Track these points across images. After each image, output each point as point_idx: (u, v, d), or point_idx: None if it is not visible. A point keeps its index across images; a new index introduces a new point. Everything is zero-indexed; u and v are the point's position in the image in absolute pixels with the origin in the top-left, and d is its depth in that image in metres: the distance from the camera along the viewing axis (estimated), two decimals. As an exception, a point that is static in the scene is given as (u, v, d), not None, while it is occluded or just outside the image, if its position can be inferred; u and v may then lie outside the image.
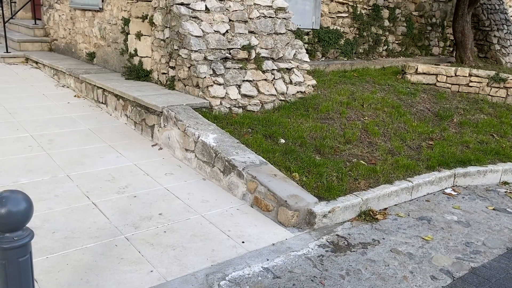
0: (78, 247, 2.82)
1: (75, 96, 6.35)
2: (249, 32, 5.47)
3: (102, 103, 5.83)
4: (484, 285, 2.72)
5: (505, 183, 4.46)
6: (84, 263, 2.66)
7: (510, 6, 13.14)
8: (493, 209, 3.86)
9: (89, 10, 7.17)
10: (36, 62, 7.92)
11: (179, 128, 4.35)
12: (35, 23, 9.38)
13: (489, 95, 6.79)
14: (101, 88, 5.77)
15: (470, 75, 6.92)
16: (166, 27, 5.34)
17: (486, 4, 10.90)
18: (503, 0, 11.54)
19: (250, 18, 5.54)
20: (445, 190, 4.15)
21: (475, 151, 4.71)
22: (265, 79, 5.34)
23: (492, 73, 6.84)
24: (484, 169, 4.38)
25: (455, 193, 4.11)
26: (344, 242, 3.12)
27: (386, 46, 9.44)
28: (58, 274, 2.55)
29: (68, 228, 3.02)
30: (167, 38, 5.35)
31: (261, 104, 5.16)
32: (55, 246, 2.81)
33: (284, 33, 5.81)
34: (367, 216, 3.50)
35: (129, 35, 6.15)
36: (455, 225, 3.50)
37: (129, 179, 3.86)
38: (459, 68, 7.10)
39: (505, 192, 4.26)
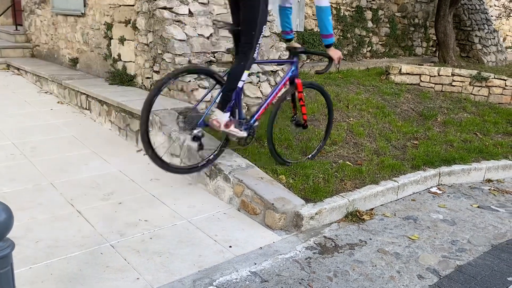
0: (62, 256, 2.77)
1: (58, 102, 6.26)
2: (233, 35, 5.46)
3: (86, 109, 5.77)
4: (470, 282, 2.74)
5: (489, 180, 4.52)
6: (69, 272, 2.62)
7: (490, 6, 13.37)
8: (478, 206, 3.91)
9: (71, 15, 7.10)
10: (18, 69, 7.80)
11: (164, 133, 4.32)
12: (16, 29, 9.26)
13: (471, 94, 6.89)
14: (84, 93, 5.70)
15: (453, 75, 7.02)
16: (150, 31, 5.30)
17: (467, 4, 11.07)
18: (484, 0, 11.74)
19: (234, 21, 5.53)
20: (431, 189, 4.19)
21: (459, 150, 4.76)
22: (250, 82, 5.34)
23: (474, 72, 6.95)
24: (468, 167, 4.43)
25: (440, 192, 4.16)
26: (331, 244, 3.12)
27: (370, 47, 9.53)
28: (42, 284, 2.50)
29: (52, 237, 2.97)
30: (150, 42, 5.32)
31: (246, 107, 5.15)
32: (38, 256, 2.75)
33: (268, 36, 5.81)
34: (354, 217, 3.51)
35: (112, 40, 6.10)
36: (441, 223, 3.54)
37: (114, 186, 3.82)
38: (442, 68, 7.19)
39: (489, 189, 4.31)
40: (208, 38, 5.26)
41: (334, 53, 3.63)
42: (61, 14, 7.47)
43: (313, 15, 8.47)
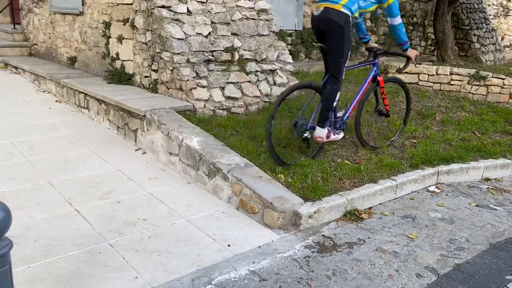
0: (60, 255, 2.77)
1: (56, 101, 6.25)
2: (232, 34, 5.46)
3: (84, 108, 5.76)
4: (468, 281, 2.75)
5: (487, 179, 4.53)
6: (67, 271, 2.61)
7: (488, 5, 13.38)
8: (476, 205, 3.91)
9: (69, 14, 7.08)
10: (16, 68, 7.78)
11: (162, 132, 4.31)
12: (14, 28, 9.22)
13: (470, 93, 6.90)
14: (82, 92, 5.70)
15: (451, 74, 7.03)
16: (148, 30, 5.29)
17: (465, 3, 11.08)
18: (482, -1, 11.75)
19: (233, 20, 5.53)
20: (429, 188, 4.19)
21: (457, 149, 4.77)
22: (249, 81, 5.34)
23: (473, 71, 6.95)
24: (467, 166, 4.44)
25: (439, 191, 4.16)
26: (330, 243, 3.13)
27: (369, 46, 9.52)
28: (40, 283, 2.50)
29: (50, 236, 2.97)
30: (149, 41, 5.31)
31: (245, 106, 5.15)
32: (37, 255, 2.75)
33: (267, 35, 5.81)
34: (352, 215, 3.51)
35: (110, 38, 6.09)
36: (439, 222, 3.54)
37: (112, 185, 3.81)
38: (441, 66, 7.20)
39: (487, 188, 4.32)
40: (206, 36, 5.25)
41: (411, 53, 4.20)
42: (59, 13, 7.45)
43: (312, 14, 8.47)
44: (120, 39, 5.85)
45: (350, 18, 3.77)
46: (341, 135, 4.15)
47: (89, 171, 4.06)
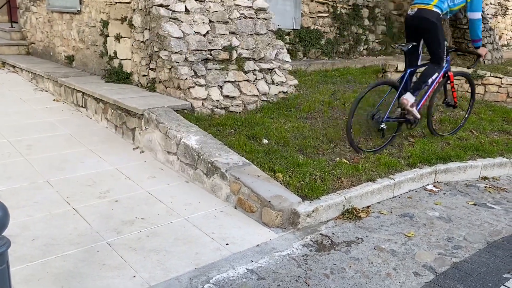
0: (58, 254, 2.76)
1: (54, 100, 6.24)
2: (230, 32, 5.46)
3: (82, 106, 5.75)
4: (465, 279, 2.76)
5: (485, 178, 4.54)
6: (65, 270, 2.61)
7: (486, 4, 13.40)
8: (474, 204, 3.92)
9: (67, 12, 7.07)
10: (13, 66, 7.76)
11: (160, 131, 4.31)
12: (12, 26, 9.20)
13: (467, 92, 6.88)
14: (80, 91, 5.69)
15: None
16: (146, 28, 5.29)
17: (463, 2, 11.07)
18: (480, -2, 11.75)
19: (231, 19, 5.53)
20: (427, 187, 4.20)
21: (455, 148, 4.78)
22: (247, 80, 5.34)
23: (470, 70, 6.96)
24: (464, 165, 4.44)
25: (437, 189, 4.17)
26: (328, 241, 3.13)
27: (367, 45, 9.53)
28: (38, 282, 2.49)
29: (48, 235, 2.96)
30: (147, 40, 5.30)
31: (243, 105, 5.15)
32: (34, 254, 2.75)
33: (265, 34, 5.81)
34: (350, 214, 3.51)
35: (108, 37, 6.08)
36: (437, 221, 3.55)
37: (110, 184, 3.81)
38: (438, 65, 7.19)
39: (485, 187, 4.33)
40: (204, 35, 5.25)
41: (483, 50, 4.61)
42: (56, 12, 7.44)
43: (310, 12, 8.46)
44: (118, 37, 5.84)
45: (441, 15, 4.33)
46: (419, 116, 4.62)
47: (87, 170, 4.05)
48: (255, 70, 5.47)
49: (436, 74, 4.55)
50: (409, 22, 4.50)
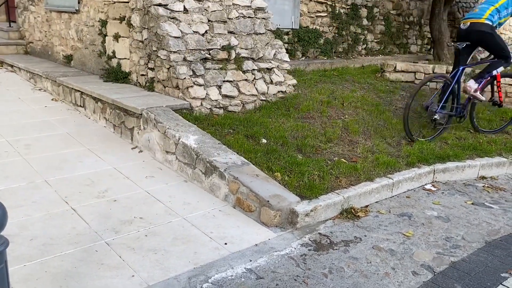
0: (57, 253, 2.76)
1: (52, 99, 6.23)
2: (228, 32, 5.46)
3: (80, 106, 5.74)
4: (464, 278, 2.76)
5: (483, 177, 4.55)
6: (64, 270, 2.61)
7: (484, 4, 13.39)
8: (472, 203, 3.93)
9: (65, 12, 7.05)
10: (12, 66, 7.75)
11: (159, 130, 4.31)
12: (10, 26, 9.18)
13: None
14: (79, 91, 5.68)
15: (447, 72, 7.03)
16: (144, 28, 5.28)
17: (461, 2, 11.11)
18: (478, -2, 11.78)
19: (229, 18, 5.53)
20: (425, 186, 4.21)
21: (453, 147, 4.79)
22: (246, 79, 5.33)
23: (469, 70, 6.96)
24: (463, 165, 4.45)
25: (435, 189, 4.18)
26: (326, 241, 3.13)
27: (365, 45, 9.54)
28: (36, 282, 2.49)
29: (46, 235, 2.96)
30: (145, 39, 5.30)
31: (242, 105, 5.15)
32: (33, 254, 2.74)
33: (263, 33, 5.81)
34: (349, 213, 3.52)
35: (106, 37, 6.07)
36: (435, 220, 3.56)
37: (108, 183, 3.81)
38: (437, 65, 7.22)
39: (483, 186, 4.34)
40: (203, 35, 5.25)
41: None
42: (55, 11, 7.42)
43: (308, 12, 8.45)
44: (116, 37, 5.83)
45: (493, 25, 4.86)
46: (484, 98, 5.12)
47: (85, 170, 4.05)
48: (253, 69, 5.47)
49: (502, 68, 5.03)
50: (463, 36, 4.97)
